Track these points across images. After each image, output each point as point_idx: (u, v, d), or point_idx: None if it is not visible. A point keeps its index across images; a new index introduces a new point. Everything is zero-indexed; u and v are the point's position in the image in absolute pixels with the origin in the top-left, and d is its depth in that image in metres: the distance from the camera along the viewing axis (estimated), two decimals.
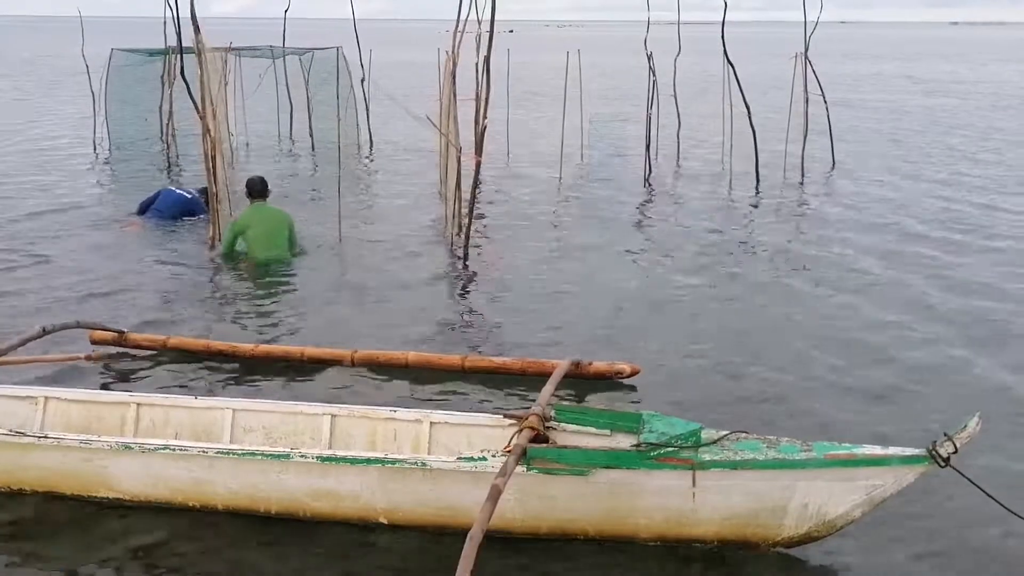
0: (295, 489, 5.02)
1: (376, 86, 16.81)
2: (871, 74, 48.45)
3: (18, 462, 5.30)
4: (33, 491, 5.35)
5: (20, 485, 5.36)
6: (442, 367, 7.34)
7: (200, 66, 10.82)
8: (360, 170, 17.30)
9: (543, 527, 4.87)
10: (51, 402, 6.01)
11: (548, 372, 6.96)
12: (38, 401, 6.00)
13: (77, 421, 5.93)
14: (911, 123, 25.90)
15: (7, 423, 5.62)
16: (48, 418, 5.96)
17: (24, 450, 5.25)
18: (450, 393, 6.97)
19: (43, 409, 5.98)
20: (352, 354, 7.43)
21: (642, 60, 17.45)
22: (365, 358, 7.44)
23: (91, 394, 6.20)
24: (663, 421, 4.84)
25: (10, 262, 10.45)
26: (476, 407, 6.44)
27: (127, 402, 5.98)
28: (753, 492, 4.65)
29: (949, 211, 13.78)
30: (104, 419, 5.94)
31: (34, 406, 5.99)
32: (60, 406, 6.00)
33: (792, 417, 6.49)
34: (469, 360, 7.37)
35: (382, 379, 7.20)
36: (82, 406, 6.01)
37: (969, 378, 7.38)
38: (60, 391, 6.14)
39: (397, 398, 6.75)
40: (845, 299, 9.37)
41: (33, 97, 32.04)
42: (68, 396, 6.06)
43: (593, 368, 7.08)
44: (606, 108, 23.23)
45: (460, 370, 7.30)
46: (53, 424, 5.89)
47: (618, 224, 12.93)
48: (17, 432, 5.30)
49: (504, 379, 7.16)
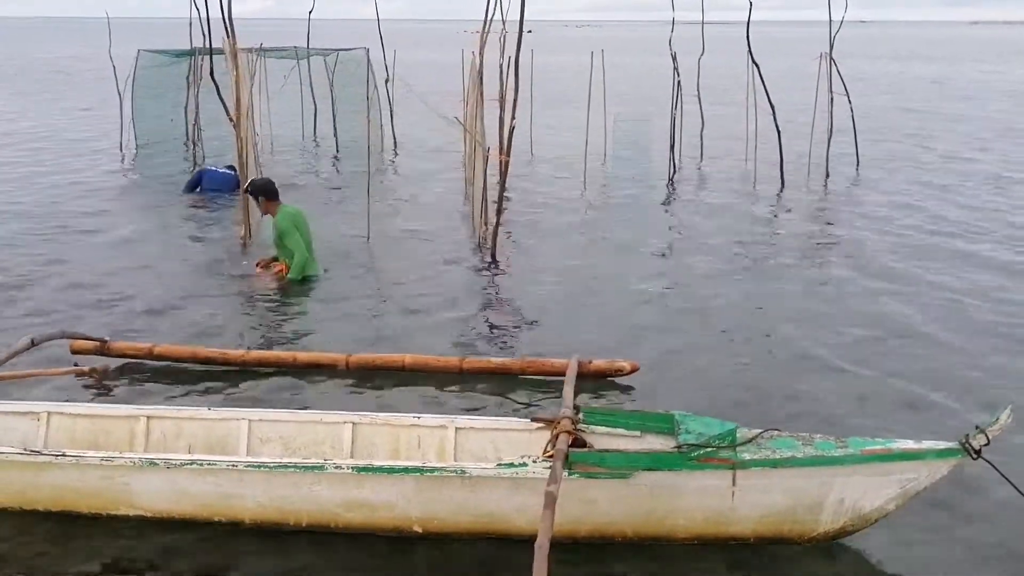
0: (327, 500, 4.90)
1: (406, 86, 16.84)
2: (897, 73, 48.20)
3: (33, 481, 5.05)
4: (47, 511, 5.09)
5: (34, 505, 5.11)
6: (440, 369, 7.17)
7: (235, 68, 10.87)
8: (386, 170, 17.36)
9: (582, 531, 4.82)
10: (54, 417, 5.71)
11: (549, 372, 7.05)
12: (40, 416, 5.71)
13: (83, 436, 5.66)
14: (938, 122, 25.78)
15: (7, 440, 5.38)
16: (52, 434, 5.66)
17: (39, 469, 5.01)
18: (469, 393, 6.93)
19: (46, 424, 5.68)
20: (347, 358, 7.24)
21: (664, 60, 17.47)
22: (360, 362, 7.23)
23: (97, 408, 5.94)
24: (698, 421, 4.85)
25: (20, 267, 10.29)
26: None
27: (136, 415, 5.73)
28: (791, 489, 4.68)
29: (974, 209, 13.76)
30: (112, 433, 5.68)
31: (36, 422, 5.69)
32: (64, 421, 5.70)
33: (800, 418, 6.43)
34: (467, 362, 7.21)
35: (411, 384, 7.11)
36: (88, 420, 5.73)
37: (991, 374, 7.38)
38: (64, 405, 5.86)
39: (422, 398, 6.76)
40: (867, 300, 9.38)
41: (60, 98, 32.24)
42: (72, 411, 5.80)
43: (593, 366, 7.01)
44: (629, 108, 23.21)
45: (458, 372, 7.14)
46: (57, 440, 5.61)
47: (642, 223, 12.95)
48: (33, 451, 5.10)
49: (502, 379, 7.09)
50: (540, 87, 20.39)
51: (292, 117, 21.94)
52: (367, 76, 16.52)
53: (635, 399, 6.86)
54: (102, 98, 26.10)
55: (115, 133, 19.95)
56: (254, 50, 16.40)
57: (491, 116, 11.44)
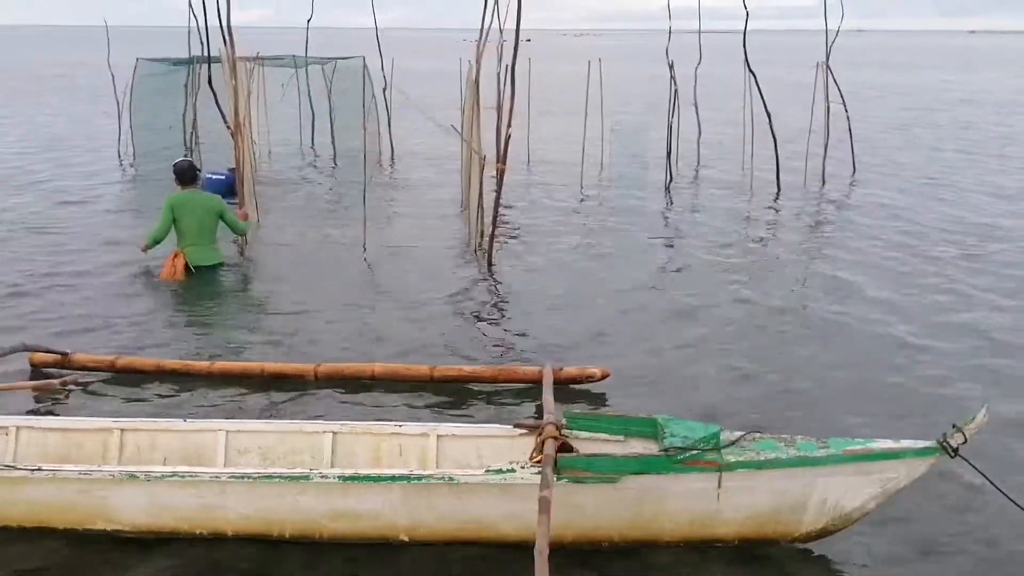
0: (312, 510, 4.87)
1: (403, 95, 16.92)
2: (895, 82, 48.33)
3: (6, 497, 4.93)
4: (21, 527, 4.99)
5: (7, 522, 5.00)
6: (410, 378, 7.11)
7: (234, 77, 10.94)
8: (383, 178, 17.44)
9: (568, 535, 4.79)
10: (23, 431, 5.58)
11: (521, 379, 7.08)
12: (9, 431, 5.58)
13: (54, 451, 5.54)
14: (935, 133, 25.88)
15: None
16: (22, 449, 5.54)
17: (13, 484, 4.90)
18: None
19: (15, 439, 5.55)
20: (315, 368, 7.15)
21: (660, 69, 17.55)
22: (329, 372, 7.14)
23: (68, 421, 5.81)
24: (681, 424, 4.91)
25: (8, 277, 10.24)
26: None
27: (110, 428, 5.62)
28: (776, 490, 4.75)
29: (967, 220, 13.83)
30: (84, 447, 5.57)
31: (5, 436, 5.56)
32: (34, 436, 5.58)
33: (784, 420, 6.52)
34: (438, 370, 7.13)
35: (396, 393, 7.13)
36: (59, 434, 5.61)
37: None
38: (33, 420, 5.75)
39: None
40: (859, 306, 9.44)
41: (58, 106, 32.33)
42: (43, 424, 5.68)
43: (564, 373, 6.99)
44: (626, 116, 23.31)
45: (429, 380, 7.09)
46: (27, 455, 5.49)
47: (639, 232, 13.00)
48: (7, 466, 4.98)
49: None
50: (538, 96, 20.47)
51: (290, 125, 22.03)
52: (364, 84, 16.57)
53: (611, 404, 6.93)
54: (101, 106, 26.18)
55: (114, 141, 20.05)
56: (252, 59, 16.47)
57: (488, 125, 11.51)
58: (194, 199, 10.52)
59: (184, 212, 10.39)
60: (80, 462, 5.34)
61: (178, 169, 10.71)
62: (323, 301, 9.52)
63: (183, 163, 10.87)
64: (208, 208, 10.49)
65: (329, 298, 9.63)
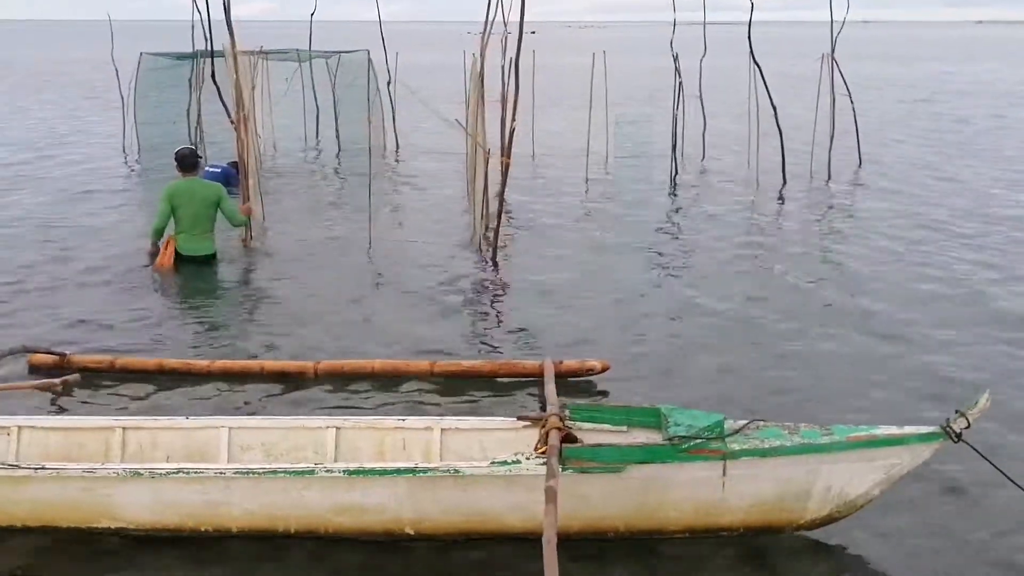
0: (317, 505, 4.85)
1: (407, 88, 16.90)
2: (901, 73, 48.23)
3: (10, 496, 4.92)
4: (25, 526, 4.97)
5: (11, 521, 4.98)
6: (410, 374, 7.08)
7: (235, 70, 10.93)
8: (387, 172, 17.44)
9: (574, 526, 4.77)
10: (25, 431, 5.56)
11: (521, 373, 7.09)
12: (11, 431, 5.55)
13: (56, 450, 5.52)
14: (941, 123, 25.82)
15: None
16: (24, 449, 5.52)
17: (16, 483, 4.89)
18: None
19: (16, 439, 5.53)
20: (315, 366, 7.12)
21: (665, 61, 17.52)
22: (329, 369, 7.11)
23: (70, 421, 5.79)
24: (685, 414, 4.92)
25: (13, 274, 10.22)
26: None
27: (111, 427, 5.60)
28: (780, 478, 4.75)
29: (974, 211, 13.82)
30: (86, 446, 5.55)
31: (7, 436, 5.54)
32: (36, 435, 5.56)
33: (785, 409, 6.49)
34: (438, 365, 7.12)
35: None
36: (61, 434, 5.59)
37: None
38: (35, 419, 5.71)
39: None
40: (863, 298, 9.43)
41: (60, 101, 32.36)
42: (45, 424, 5.66)
43: (564, 366, 7.01)
44: (631, 109, 23.28)
45: (429, 375, 7.09)
46: (29, 455, 5.46)
47: (643, 224, 13.00)
48: (11, 465, 4.98)
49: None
50: (542, 88, 20.45)
51: (294, 120, 22.03)
52: (368, 78, 16.58)
53: (612, 397, 6.91)
54: (105, 101, 26.22)
55: (118, 136, 20.08)
56: (255, 52, 16.46)
57: (493, 118, 11.50)
58: (192, 187, 10.50)
59: (181, 201, 10.39)
60: (83, 461, 5.32)
61: (179, 156, 10.73)
62: (326, 295, 9.52)
63: (184, 150, 10.91)
64: (205, 197, 10.44)
65: (332, 292, 9.64)
